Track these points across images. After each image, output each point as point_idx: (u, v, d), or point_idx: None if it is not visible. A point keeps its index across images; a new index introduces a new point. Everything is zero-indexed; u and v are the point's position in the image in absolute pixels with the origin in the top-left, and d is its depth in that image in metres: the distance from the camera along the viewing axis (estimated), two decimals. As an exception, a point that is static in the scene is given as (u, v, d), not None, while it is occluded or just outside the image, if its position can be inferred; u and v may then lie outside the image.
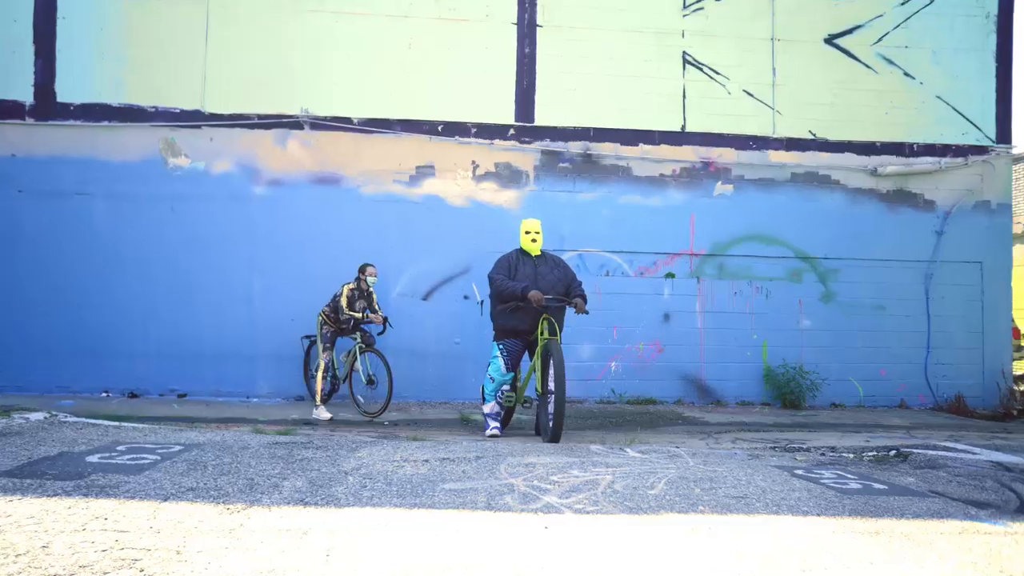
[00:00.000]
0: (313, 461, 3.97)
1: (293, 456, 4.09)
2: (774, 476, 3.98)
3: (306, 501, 3.20)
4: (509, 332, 5.86)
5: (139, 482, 3.39)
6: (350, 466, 3.89)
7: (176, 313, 8.23)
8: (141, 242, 8.23)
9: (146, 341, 8.15)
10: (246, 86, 8.47)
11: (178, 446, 4.25)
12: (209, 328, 8.25)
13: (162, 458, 3.89)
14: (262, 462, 3.91)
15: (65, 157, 8.18)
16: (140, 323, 8.17)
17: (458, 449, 4.49)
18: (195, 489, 3.30)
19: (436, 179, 8.70)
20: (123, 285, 8.17)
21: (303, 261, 8.38)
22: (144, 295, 8.19)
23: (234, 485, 3.42)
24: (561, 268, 6.09)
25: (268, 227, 8.41)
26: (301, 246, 8.42)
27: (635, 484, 3.63)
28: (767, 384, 9.01)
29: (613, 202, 8.95)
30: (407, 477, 3.67)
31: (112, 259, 8.19)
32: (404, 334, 8.34)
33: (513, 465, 3.96)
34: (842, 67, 9.36)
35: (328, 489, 3.39)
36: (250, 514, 2.99)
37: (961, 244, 9.42)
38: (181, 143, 8.37)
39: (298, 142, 8.53)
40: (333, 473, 3.71)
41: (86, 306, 8.11)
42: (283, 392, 8.34)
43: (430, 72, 8.73)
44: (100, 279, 8.15)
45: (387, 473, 3.75)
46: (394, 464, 3.93)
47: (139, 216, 8.25)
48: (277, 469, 3.76)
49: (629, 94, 9.02)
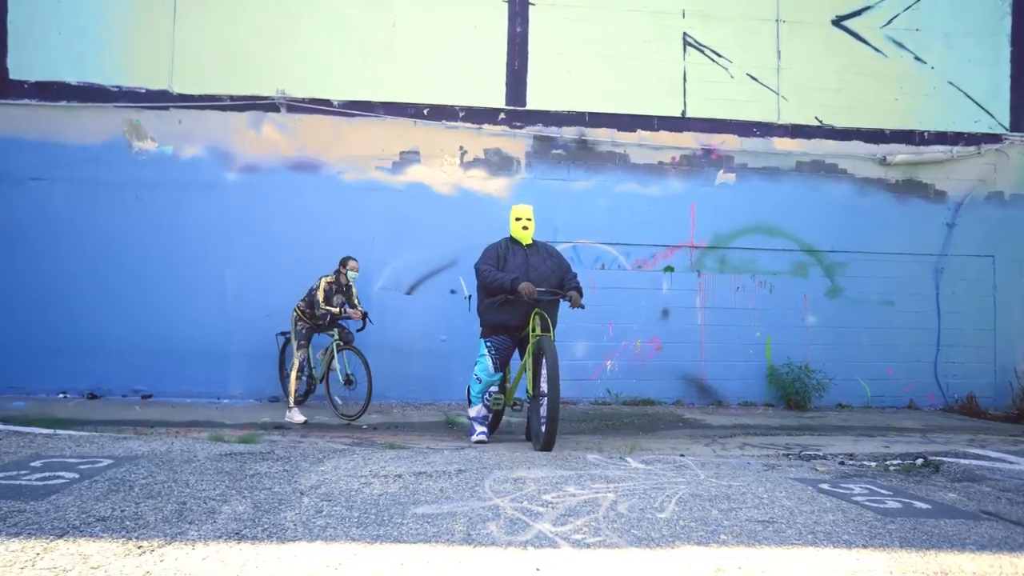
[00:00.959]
0: (266, 477, 3.41)
1: (244, 471, 3.53)
2: (798, 492, 3.49)
3: (242, 534, 2.65)
4: (497, 328, 5.35)
5: (38, 511, 2.81)
6: (309, 483, 3.35)
7: (142, 308, 7.68)
8: (103, 232, 7.66)
9: (109, 338, 7.59)
10: (218, 65, 7.91)
11: (107, 460, 3.66)
12: (178, 324, 7.70)
13: (81, 476, 3.31)
14: (204, 480, 3.35)
15: (19, 140, 7.58)
16: (102, 319, 7.61)
17: (438, 460, 3.96)
18: (107, 519, 2.73)
19: (421, 166, 8.18)
20: (84, 278, 7.60)
21: (279, 253, 7.84)
22: (107, 289, 7.63)
23: (159, 512, 2.86)
24: (554, 258, 5.59)
25: (241, 216, 7.86)
26: (277, 237, 7.88)
27: (642, 505, 3.12)
28: (770, 384, 8.54)
29: (609, 191, 8.45)
30: (373, 498, 3.14)
31: (72, 250, 7.62)
32: (387, 331, 7.84)
33: (500, 481, 3.44)
34: (850, 50, 8.90)
35: (275, 515, 2.85)
36: (165, 553, 2.44)
37: (973, 237, 8.98)
38: (147, 126, 7.80)
39: (274, 126, 7.98)
40: (286, 493, 3.17)
41: (43, 300, 7.53)
42: (257, 393, 7.80)
43: (415, 52, 8.20)
44: (59, 272, 7.57)
45: (350, 493, 3.21)
46: (361, 480, 3.39)
47: (101, 204, 7.68)
48: (219, 489, 3.20)
49: (626, 77, 8.51)
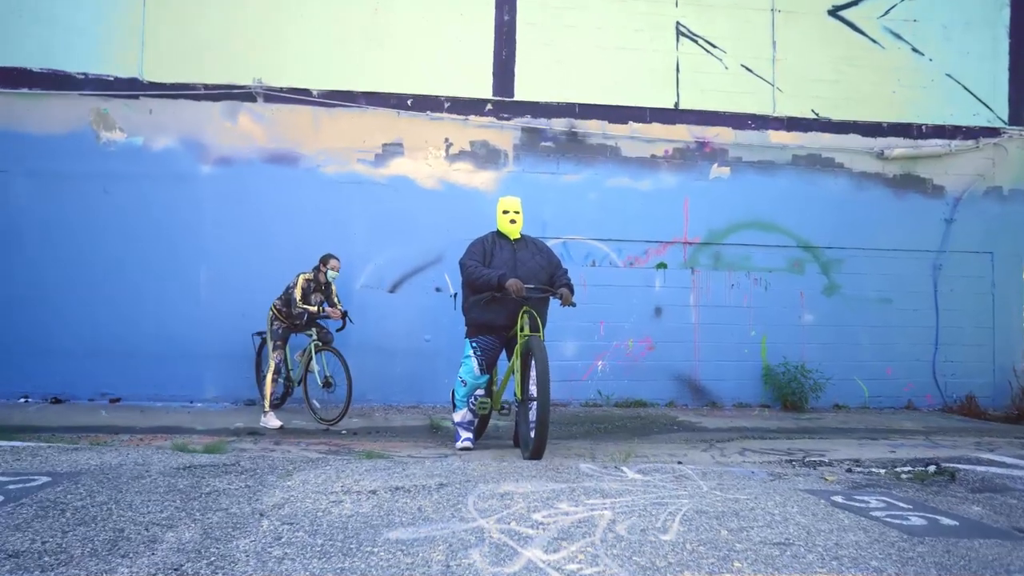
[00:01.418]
0: (224, 495, 3.05)
1: (200, 488, 3.16)
2: (812, 507, 3.20)
3: (183, 569, 2.26)
4: (484, 328, 5.04)
5: (-69, 548, 2.35)
6: (272, 502, 3.00)
7: (111, 307, 7.29)
8: (69, 227, 7.28)
9: (76, 339, 7.20)
10: (191, 52, 7.53)
11: (43, 478, 3.26)
12: (149, 324, 7.33)
13: (7, 499, 2.91)
14: (152, 500, 2.98)
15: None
16: (68, 318, 7.22)
17: (418, 472, 3.63)
18: (20, 555, 2.31)
19: (405, 158, 7.85)
20: (48, 276, 7.20)
21: (255, 249, 7.49)
22: (73, 287, 7.24)
23: (88, 544, 2.45)
24: (544, 254, 5.28)
25: (216, 211, 7.50)
26: (253, 232, 7.52)
27: (642, 524, 2.82)
28: (766, 384, 8.29)
29: (600, 185, 8.16)
30: (342, 520, 2.79)
31: (36, 246, 7.22)
32: (369, 330, 7.52)
33: (485, 497, 3.11)
34: (847, 41, 8.65)
35: (226, 544, 2.48)
36: (82, 601, 2.02)
37: (971, 233, 8.77)
38: (115, 115, 7.41)
39: (250, 116, 7.62)
40: (244, 515, 2.81)
41: (4, 299, 7.13)
42: (232, 395, 7.45)
43: (399, 40, 7.86)
44: (21, 268, 7.17)
45: (317, 514, 2.87)
46: (330, 498, 3.05)
47: (67, 197, 7.28)
48: (167, 511, 2.83)
49: (618, 67, 8.22)
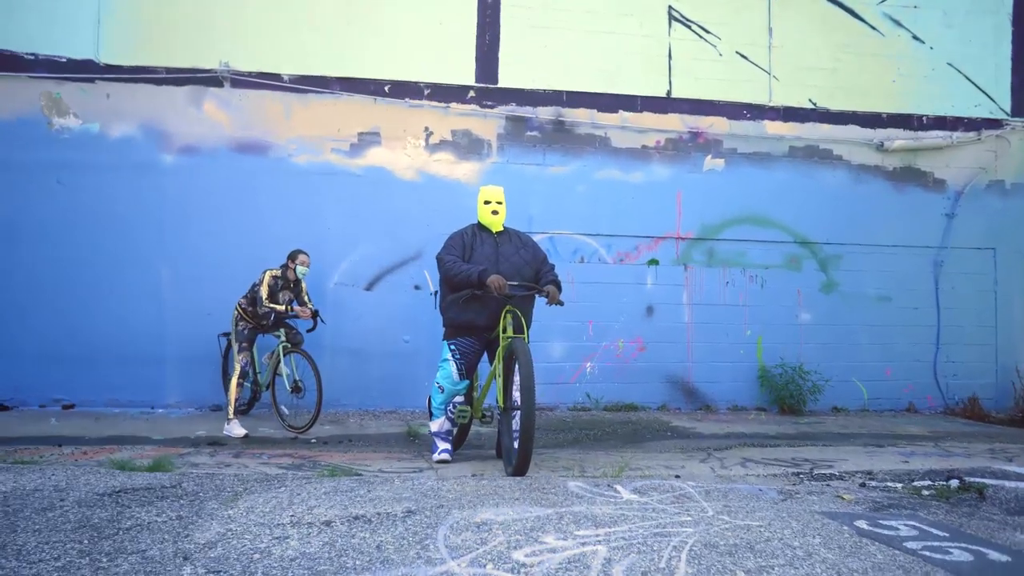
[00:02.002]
0: (147, 531, 2.56)
1: (119, 522, 2.66)
2: (835, 536, 2.80)
3: None
4: (463, 328, 4.60)
5: None
6: (203, 539, 2.52)
7: (65, 307, 6.79)
8: (18, 220, 6.76)
9: (25, 340, 6.69)
10: (152, 33, 7.03)
11: None
12: (106, 324, 6.83)
13: None
14: (51, 541, 2.47)
15: (-83, 113, 6.66)
16: (18, 319, 6.70)
17: (385, 495, 3.18)
18: None
19: (382, 148, 7.39)
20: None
21: (222, 244, 7.01)
22: (24, 285, 6.72)
23: None
24: (529, 248, 4.85)
25: (179, 203, 7.01)
26: (220, 226, 7.04)
27: (644, 565, 2.40)
28: (762, 386, 7.91)
29: (589, 177, 7.74)
30: (282, 567, 2.31)
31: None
32: (343, 331, 7.08)
33: (458, 528, 2.67)
34: (845, 28, 8.29)
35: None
36: None
37: (973, 228, 8.44)
38: (69, 100, 6.90)
39: (216, 102, 7.14)
40: (163, 560, 2.32)
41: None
42: (197, 401, 6.96)
43: (376, 23, 7.40)
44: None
45: (253, 556, 2.38)
46: (275, 532, 2.59)
47: (16, 188, 6.76)
48: (65, 558, 2.31)
49: (608, 53, 7.81)
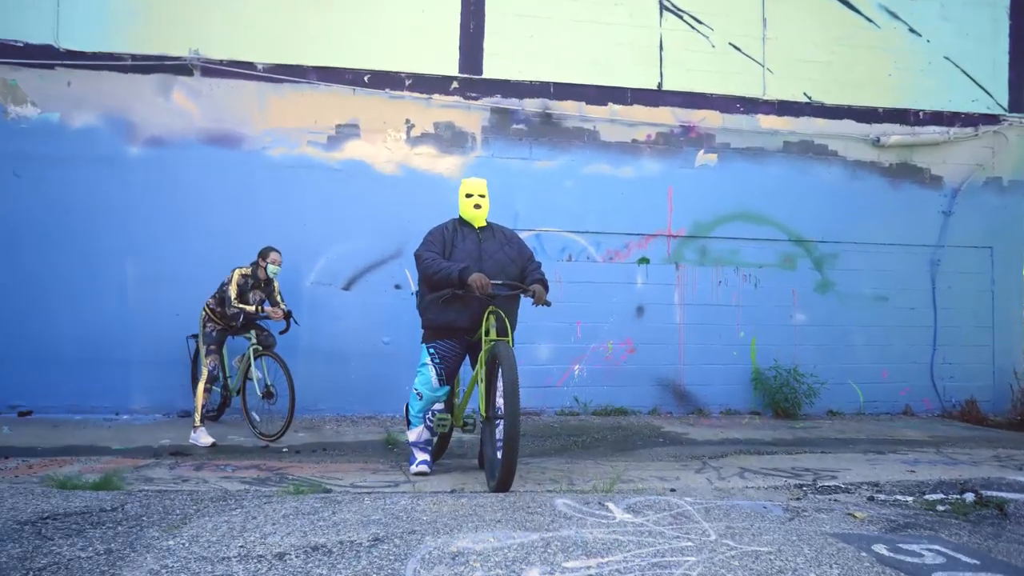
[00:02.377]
0: (64, 570, 2.20)
1: (33, 560, 2.28)
2: (855, 565, 2.51)
3: None
4: (442, 330, 4.29)
5: None
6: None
7: (23, 306, 6.40)
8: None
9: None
10: (116, 17, 6.66)
11: None
12: (67, 325, 6.45)
13: None
14: None
15: None
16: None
17: (352, 517, 2.85)
18: None
19: (361, 141, 7.06)
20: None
21: (191, 241, 6.65)
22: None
23: None
24: (514, 245, 4.54)
25: (146, 197, 6.64)
26: (189, 223, 6.67)
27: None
28: (756, 389, 7.65)
29: (577, 172, 7.44)
30: None
31: (-67, 236, 6.31)
32: (320, 332, 6.76)
33: (431, 561, 2.34)
34: (840, 20, 8.05)
35: None
36: None
37: (970, 226, 8.23)
38: (26, 87, 6.51)
39: (186, 91, 6.77)
40: None
41: None
42: (165, 406, 6.60)
43: (355, 10, 7.07)
44: (-84, 262, 6.27)
45: None
46: (216, 570, 2.25)
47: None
48: None
49: (597, 44, 7.52)
